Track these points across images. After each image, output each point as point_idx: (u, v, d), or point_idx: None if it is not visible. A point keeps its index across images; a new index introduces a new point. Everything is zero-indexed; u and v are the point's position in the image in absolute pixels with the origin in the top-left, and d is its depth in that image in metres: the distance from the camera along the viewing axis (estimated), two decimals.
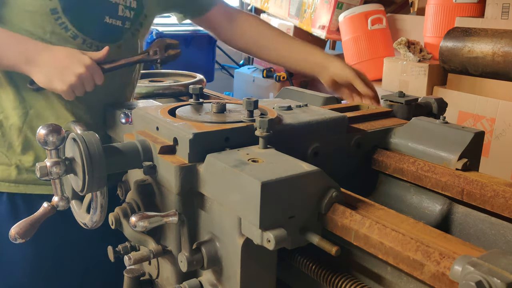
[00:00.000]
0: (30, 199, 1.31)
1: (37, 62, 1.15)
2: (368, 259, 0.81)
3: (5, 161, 1.30)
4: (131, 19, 1.34)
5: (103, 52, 1.21)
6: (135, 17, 1.35)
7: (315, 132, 1.02)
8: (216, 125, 0.92)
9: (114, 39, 1.32)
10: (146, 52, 1.31)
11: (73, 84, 1.15)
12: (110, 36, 1.31)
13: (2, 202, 1.31)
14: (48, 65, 1.15)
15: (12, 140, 1.28)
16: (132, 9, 1.33)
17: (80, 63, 1.15)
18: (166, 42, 1.31)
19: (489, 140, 2.44)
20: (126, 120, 1.23)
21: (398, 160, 1.07)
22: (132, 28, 1.35)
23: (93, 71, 1.17)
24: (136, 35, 1.38)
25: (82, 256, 1.39)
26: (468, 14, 2.89)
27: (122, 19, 1.31)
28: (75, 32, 1.24)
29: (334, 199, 0.78)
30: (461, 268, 0.58)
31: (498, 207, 0.90)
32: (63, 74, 1.14)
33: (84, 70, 1.15)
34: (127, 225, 0.96)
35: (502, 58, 2.40)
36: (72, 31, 1.23)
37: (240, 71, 4.85)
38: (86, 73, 1.15)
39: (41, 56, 1.15)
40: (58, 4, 1.20)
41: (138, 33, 1.38)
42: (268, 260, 0.83)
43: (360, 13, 3.32)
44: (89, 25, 1.26)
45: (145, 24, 1.40)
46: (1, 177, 1.30)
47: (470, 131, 1.03)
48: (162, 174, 0.90)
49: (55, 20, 1.21)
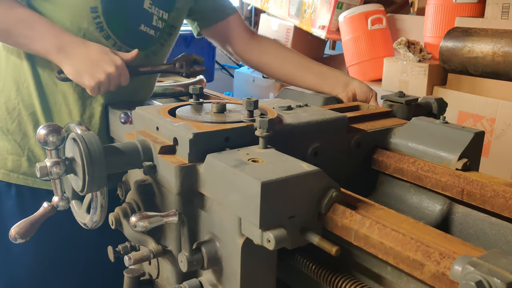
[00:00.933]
0: (38, 194, 1.31)
1: (70, 53, 1.17)
2: (368, 259, 0.81)
3: (17, 151, 1.31)
4: (161, 29, 1.37)
5: (133, 53, 1.23)
6: (164, 28, 1.38)
7: (315, 132, 1.02)
8: (216, 125, 0.92)
9: (144, 46, 1.35)
10: (173, 64, 1.34)
11: (101, 81, 1.17)
12: (141, 44, 1.33)
13: (10, 197, 1.33)
14: (80, 59, 1.17)
15: (28, 130, 1.30)
16: (163, 20, 1.37)
17: (111, 62, 1.17)
18: (193, 58, 1.35)
19: (489, 140, 2.44)
20: (126, 120, 1.24)
21: (398, 160, 1.07)
22: (161, 39, 1.39)
23: (122, 72, 1.19)
24: (164, 45, 1.41)
25: (85, 254, 1.39)
26: (468, 14, 2.89)
27: (154, 28, 1.35)
28: (108, 33, 1.26)
29: (334, 199, 0.78)
30: (461, 268, 0.58)
31: (498, 207, 0.90)
32: (93, 70, 1.16)
33: (114, 70, 1.17)
34: (127, 225, 0.96)
35: (502, 58, 2.40)
36: (106, 31, 1.26)
37: (240, 71, 4.85)
38: (115, 73, 1.17)
39: (74, 48, 1.17)
40: (100, 4, 1.23)
41: (166, 43, 1.42)
42: (268, 260, 0.83)
43: (360, 13, 3.32)
44: (124, 30, 1.29)
45: (173, 35, 1.43)
46: (12, 167, 1.32)
47: (470, 131, 1.03)
48: (162, 174, 0.90)
49: (93, 18, 1.24)
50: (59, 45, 1.17)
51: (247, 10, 5.93)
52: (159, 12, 1.35)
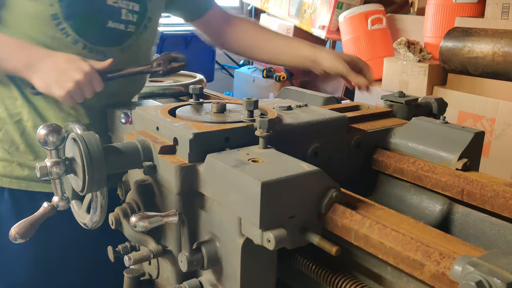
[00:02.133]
0: (34, 196, 1.31)
1: (38, 67, 1.16)
2: (368, 259, 0.81)
3: (7, 157, 1.31)
4: (135, 22, 1.34)
5: (106, 62, 1.21)
6: (139, 20, 1.35)
7: (315, 132, 1.02)
8: (216, 125, 0.92)
9: (118, 42, 1.32)
10: (150, 64, 1.32)
11: (71, 90, 1.14)
12: (113, 40, 1.31)
13: (3, 201, 1.32)
14: (47, 70, 1.15)
15: (15, 138, 1.30)
16: (135, 12, 1.33)
17: (79, 69, 1.15)
18: (171, 56, 1.32)
19: (489, 140, 2.44)
20: (126, 120, 1.24)
21: (398, 160, 1.07)
22: (137, 32, 1.36)
23: (92, 78, 1.17)
24: (141, 38, 1.38)
25: (84, 255, 1.39)
26: (468, 14, 2.89)
27: (125, 22, 1.32)
28: (76, 37, 1.24)
29: (334, 199, 0.78)
30: (461, 268, 0.58)
31: (498, 207, 0.90)
32: (61, 79, 1.14)
33: (83, 77, 1.14)
34: (127, 225, 0.96)
35: (502, 58, 2.40)
36: (72, 36, 1.24)
37: (240, 71, 4.85)
38: (84, 80, 1.15)
39: (42, 62, 1.16)
40: (60, 10, 1.20)
41: (142, 36, 1.38)
42: (268, 260, 0.83)
43: (360, 13, 3.32)
44: (91, 30, 1.27)
45: (150, 27, 1.40)
46: (3, 172, 1.31)
47: (470, 131, 1.03)
48: (162, 174, 0.90)
49: (56, 25, 1.22)
50: (27, 61, 1.16)
51: (247, 10, 5.93)
52: (128, 4, 1.31)
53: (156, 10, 1.42)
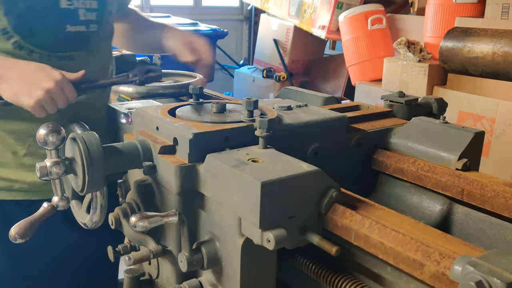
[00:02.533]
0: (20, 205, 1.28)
1: (5, 76, 1.10)
2: (368, 259, 0.81)
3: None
4: (96, 21, 1.27)
5: (79, 73, 1.16)
6: (99, 18, 1.28)
7: (315, 132, 1.02)
8: (216, 125, 0.92)
9: (81, 45, 1.26)
10: (126, 75, 1.28)
11: (41, 99, 1.09)
12: (76, 44, 1.25)
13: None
14: (15, 79, 1.10)
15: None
16: (93, 10, 1.26)
17: (49, 77, 1.09)
18: (147, 68, 1.30)
19: (489, 140, 2.44)
20: (126, 120, 1.23)
21: (398, 160, 1.07)
22: (100, 30, 1.29)
23: (64, 87, 1.11)
24: (102, 36, 1.32)
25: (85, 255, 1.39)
26: (468, 14, 2.89)
27: (85, 23, 1.25)
28: (30, 48, 1.18)
29: (334, 199, 0.78)
30: (461, 268, 0.58)
31: (498, 207, 0.90)
32: (30, 88, 1.08)
33: (53, 85, 1.09)
34: (127, 225, 0.96)
35: (502, 58, 2.40)
36: (26, 47, 1.17)
37: (240, 71, 4.85)
38: (55, 88, 1.09)
39: (8, 71, 1.11)
40: (7, 23, 1.14)
41: (105, 33, 1.33)
42: (268, 260, 0.83)
43: (360, 13, 3.33)
44: (47, 38, 1.20)
45: (110, 22, 1.34)
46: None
47: (470, 131, 1.03)
48: (162, 174, 0.90)
49: (7, 40, 1.16)
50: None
51: (247, 10, 5.93)
52: (85, 3, 1.23)
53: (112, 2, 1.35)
